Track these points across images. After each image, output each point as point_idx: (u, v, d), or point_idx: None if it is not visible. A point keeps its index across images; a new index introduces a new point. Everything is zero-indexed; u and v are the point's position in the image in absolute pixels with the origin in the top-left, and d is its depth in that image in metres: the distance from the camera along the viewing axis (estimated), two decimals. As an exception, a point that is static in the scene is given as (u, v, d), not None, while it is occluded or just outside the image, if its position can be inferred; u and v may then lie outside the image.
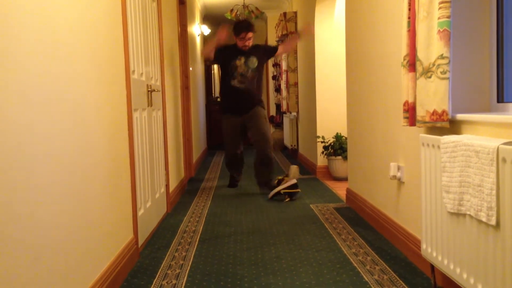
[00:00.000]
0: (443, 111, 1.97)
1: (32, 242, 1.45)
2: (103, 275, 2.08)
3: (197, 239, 3.06)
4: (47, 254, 1.56)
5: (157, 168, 3.50)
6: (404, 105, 2.26)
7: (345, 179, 4.93)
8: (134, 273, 2.46)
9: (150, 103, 3.27)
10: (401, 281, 2.25)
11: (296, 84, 6.98)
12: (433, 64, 2.00)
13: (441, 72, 1.96)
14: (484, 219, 1.54)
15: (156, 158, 3.47)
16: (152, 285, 2.29)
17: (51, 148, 1.62)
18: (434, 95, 2.00)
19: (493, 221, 1.49)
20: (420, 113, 2.09)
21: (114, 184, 2.34)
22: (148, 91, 3.23)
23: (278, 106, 9.17)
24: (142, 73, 3.09)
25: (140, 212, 2.89)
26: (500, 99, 2.10)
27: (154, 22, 3.59)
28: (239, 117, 4.65)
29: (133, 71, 2.85)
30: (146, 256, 2.75)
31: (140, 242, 2.84)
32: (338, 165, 5.18)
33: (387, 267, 2.45)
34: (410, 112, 2.21)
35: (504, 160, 1.45)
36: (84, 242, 1.91)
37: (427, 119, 2.04)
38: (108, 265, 2.18)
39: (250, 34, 4.53)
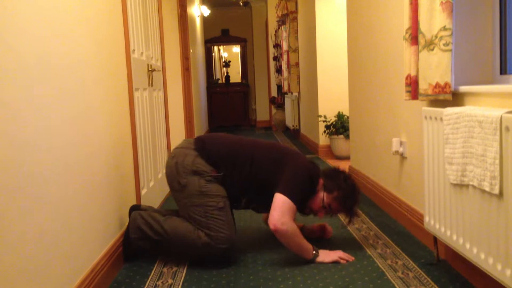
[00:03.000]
0: (446, 84, 1.96)
1: (38, 216, 1.46)
2: (108, 252, 2.10)
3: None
4: (52, 229, 1.57)
5: (159, 148, 3.50)
6: (406, 78, 2.25)
7: (347, 157, 4.93)
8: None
9: (151, 83, 3.26)
10: (404, 254, 2.26)
11: (297, 64, 6.95)
12: (436, 37, 1.98)
13: (443, 44, 1.95)
14: (487, 189, 1.54)
15: (158, 138, 3.47)
16: (156, 263, 2.31)
17: (54, 123, 1.62)
18: (436, 68, 1.99)
19: (496, 190, 1.49)
20: (423, 86, 2.08)
21: (117, 162, 2.34)
22: (149, 70, 3.22)
23: (279, 87, 9.14)
24: (142, 53, 3.07)
25: (143, 191, 2.91)
26: (503, 71, 2.09)
27: (154, 2, 3.56)
28: None
29: (133, 50, 2.83)
30: (150, 234, 2.77)
31: (144, 221, 2.85)
32: (340, 144, 5.18)
33: (390, 241, 2.46)
34: (413, 86, 2.20)
35: (507, 129, 1.44)
36: (89, 218, 1.92)
37: (430, 92, 2.03)
38: (112, 243, 2.19)
39: None
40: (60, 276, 1.61)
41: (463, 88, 1.94)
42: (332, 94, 5.48)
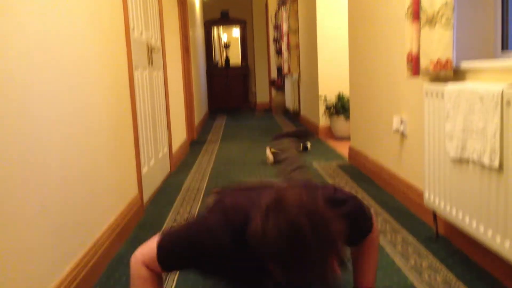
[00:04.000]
0: (447, 60, 1.96)
1: (40, 190, 1.47)
2: (110, 227, 2.12)
3: (201, 196, 3.09)
4: (54, 203, 1.58)
5: (159, 128, 3.51)
6: (407, 56, 2.24)
7: (347, 138, 4.94)
8: (140, 227, 2.50)
9: (150, 63, 3.25)
10: (403, 230, 2.28)
11: (297, 45, 6.91)
12: (437, 13, 1.97)
13: (445, 20, 1.94)
14: (487, 163, 1.56)
15: (158, 118, 3.47)
16: (159, 238, 2.33)
17: (54, 101, 1.62)
18: (438, 44, 1.98)
19: (496, 164, 1.51)
20: (424, 63, 2.08)
21: (117, 140, 2.35)
22: (148, 50, 3.21)
23: (279, 69, 9.11)
24: (141, 32, 3.06)
25: (144, 170, 2.92)
26: (505, 47, 2.09)
27: (153, -21, 3.53)
28: None
29: (133, 29, 2.82)
30: (151, 212, 2.79)
31: (145, 199, 2.88)
32: (340, 124, 5.18)
33: (389, 217, 2.48)
34: (414, 63, 2.19)
35: (508, 103, 1.45)
36: (91, 193, 1.93)
37: (431, 68, 2.03)
38: (114, 219, 2.21)
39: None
40: (62, 250, 1.63)
41: (464, 65, 1.94)
42: (333, 75, 5.46)
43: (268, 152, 4.09)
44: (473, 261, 1.90)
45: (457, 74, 2.01)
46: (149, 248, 1.29)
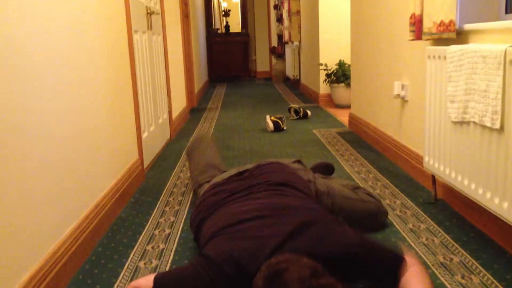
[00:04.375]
0: (451, 21, 1.93)
1: (40, 150, 1.47)
2: (111, 190, 2.13)
3: (202, 161, 3.10)
4: (55, 165, 1.58)
5: (159, 94, 3.49)
6: (410, 18, 2.21)
7: (347, 106, 4.93)
8: (141, 191, 2.52)
9: (150, 26, 3.21)
10: (402, 195, 2.30)
11: (298, 12, 6.81)
12: (442, -27, 1.93)
13: (449, -19, 1.90)
14: (488, 124, 1.55)
15: (158, 83, 3.45)
16: (159, 201, 2.34)
17: (52, 64, 1.60)
18: (441, 5, 1.95)
19: (497, 125, 1.50)
20: (427, 24, 2.05)
21: (117, 103, 2.34)
22: (148, 13, 3.16)
23: (280, 37, 9.01)
24: (140, -6, 3.00)
25: (144, 135, 2.92)
26: (508, 10, 2.05)
27: None
28: None
29: (132, -9, 2.77)
30: (152, 176, 2.80)
31: (145, 164, 2.88)
32: (341, 92, 5.15)
33: (389, 182, 2.49)
34: (417, 25, 2.16)
35: (511, 62, 1.43)
36: (92, 156, 1.93)
37: (434, 30, 2.00)
38: (115, 182, 2.22)
39: None
40: (63, 211, 1.64)
41: (467, 26, 1.92)
42: (334, 42, 5.40)
43: (268, 119, 4.08)
44: (470, 223, 1.92)
45: (460, 36, 1.99)
46: (145, 279, 1.32)
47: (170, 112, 3.87)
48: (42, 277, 1.41)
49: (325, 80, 5.34)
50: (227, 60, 10.34)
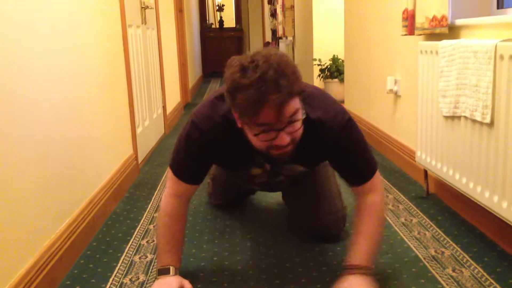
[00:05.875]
0: (443, 16, 1.94)
1: (34, 146, 1.48)
2: (106, 185, 2.14)
3: (196, 156, 3.11)
4: (49, 160, 1.59)
5: (153, 89, 3.49)
6: (403, 13, 2.22)
7: (341, 101, 4.94)
8: (136, 186, 2.53)
9: (144, 21, 3.21)
10: (394, 189, 2.32)
11: (292, 7, 6.81)
12: (434, -32, 1.94)
13: (442, -24, 1.92)
14: (479, 118, 1.57)
15: (152, 78, 3.45)
16: (153, 196, 2.35)
17: (46, 58, 1.61)
18: (434, 0, 1.96)
19: (487, 119, 1.52)
20: (420, 19, 2.06)
21: (111, 98, 2.34)
22: (142, 7, 3.16)
23: (274, 32, 9.00)
24: (134, -11, 3.00)
25: (138, 130, 2.92)
26: (500, 5, 2.07)
27: None
28: None
29: (125, -15, 2.77)
30: (146, 171, 2.81)
31: (140, 159, 2.89)
32: (335, 88, 5.16)
33: (381, 177, 2.51)
34: (410, 20, 2.18)
35: (501, 57, 1.45)
36: (85, 152, 1.94)
37: (426, 25, 2.02)
38: (110, 177, 2.22)
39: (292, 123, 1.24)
40: (58, 206, 1.65)
41: (459, 21, 1.93)
42: (328, 37, 5.41)
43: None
44: (462, 218, 1.94)
45: (452, 31, 2.00)
46: (169, 180, 1.49)
47: (164, 107, 3.87)
48: (38, 271, 1.42)
49: (319, 75, 5.34)
50: (221, 55, 10.29)
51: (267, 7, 9.44)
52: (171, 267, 1.41)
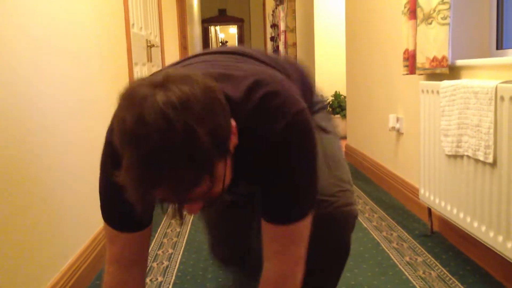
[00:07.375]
0: (443, 57, 1.98)
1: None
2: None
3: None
4: (56, 197, 1.60)
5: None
6: (404, 53, 2.27)
7: (343, 138, 4.96)
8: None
9: (149, 59, 3.27)
10: (398, 227, 2.31)
11: (294, 44, 6.93)
12: (434, 10, 1.99)
13: (441, 18, 1.96)
14: (481, 158, 1.58)
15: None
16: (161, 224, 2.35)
17: (58, 102, 1.64)
18: (434, 41, 2.01)
19: (490, 159, 1.53)
20: (420, 60, 2.10)
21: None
22: (148, 46, 3.22)
23: (277, 68, 9.09)
24: (141, 27, 3.07)
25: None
26: (500, 46, 2.11)
27: (152, -24, 3.55)
28: None
29: (133, 25, 2.84)
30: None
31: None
32: (337, 123, 5.20)
33: (385, 215, 2.51)
34: (410, 60, 2.22)
35: (502, 98, 1.47)
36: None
37: (427, 65, 2.05)
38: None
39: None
40: (63, 244, 1.64)
41: (459, 62, 1.97)
42: (330, 74, 5.49)
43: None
44: (467, 257, 1.92)
45: (453, 72, 2.04)
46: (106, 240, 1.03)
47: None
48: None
49: (322, 111, 5.39)
50: (224, 90, 10.42)
51: (269, 44, 9.61)
52: None
